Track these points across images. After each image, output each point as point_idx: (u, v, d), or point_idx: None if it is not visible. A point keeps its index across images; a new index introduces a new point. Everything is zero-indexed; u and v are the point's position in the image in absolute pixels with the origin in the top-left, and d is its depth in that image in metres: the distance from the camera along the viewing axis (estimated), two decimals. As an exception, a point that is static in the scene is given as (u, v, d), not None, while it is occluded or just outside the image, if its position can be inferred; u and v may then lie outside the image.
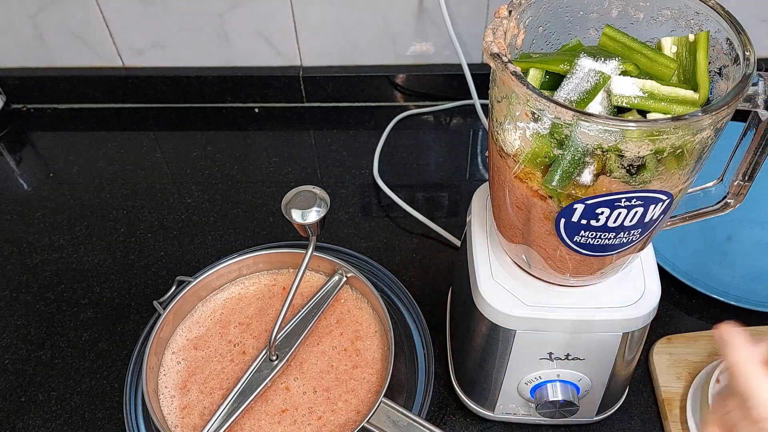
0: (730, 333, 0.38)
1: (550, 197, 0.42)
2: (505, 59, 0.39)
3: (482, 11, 0.92)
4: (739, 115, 0.41)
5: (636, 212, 0.41)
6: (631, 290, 0.53)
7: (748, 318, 0.69)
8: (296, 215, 0.53)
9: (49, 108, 1.04)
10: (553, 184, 0.40)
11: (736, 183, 0.48)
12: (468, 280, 0.56)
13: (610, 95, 0.40)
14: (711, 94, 0.42)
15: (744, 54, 0.39)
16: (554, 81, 0.42)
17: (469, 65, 0.93)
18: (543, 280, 0.53)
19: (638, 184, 0.39)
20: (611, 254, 0.46)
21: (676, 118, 0.36)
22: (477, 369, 0.60)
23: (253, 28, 0.95)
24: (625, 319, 0.51)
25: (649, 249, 0.55)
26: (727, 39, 0.41)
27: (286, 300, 0.57)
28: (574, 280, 0.51)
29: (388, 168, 0.91)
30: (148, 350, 0.59)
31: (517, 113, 0.39)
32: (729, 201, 0.50)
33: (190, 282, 0.64)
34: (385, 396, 0.56)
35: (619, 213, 0.41)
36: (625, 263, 0.50)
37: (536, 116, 0.38)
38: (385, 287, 0.70)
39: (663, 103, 0.39)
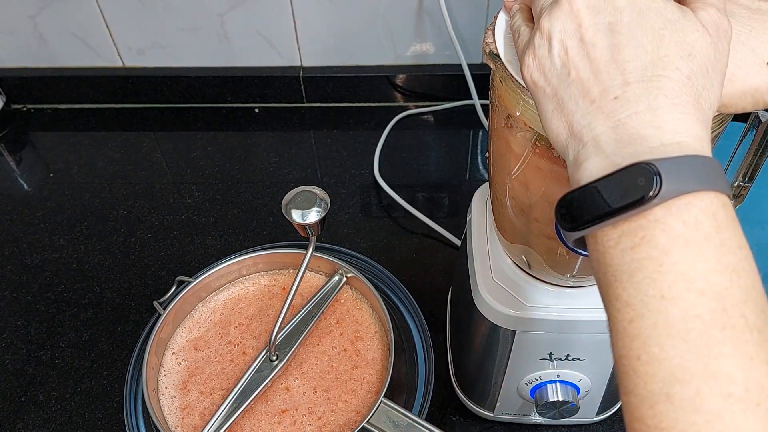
0: None
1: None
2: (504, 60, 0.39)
3: (482, 11, 0.92)
4: (740, 116, 0.41)
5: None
6: (631, 291, 0.52)
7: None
8: (296, 215, 0.53)
9: (49, 108, 1.04)
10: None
11: (736, 184, 0.48)
12: (468, 280, 0.56)
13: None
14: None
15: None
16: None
17: (469, 65, 0.93)
18: (543, 281, 0.53)
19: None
20: (611, 255, 0.46)
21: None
22: (477, 369, 0.60)
23: (253, 28, 0.95)
24: (625, 319, 0.51)
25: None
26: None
27: (286, 300, 0.57)
28: (574, 280, 0.51)
29: (388, 168, 0.91)
30: (148, 350, 0.59)
31: (518, 114, 0.39)
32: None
33: (190, 282, 0.64)
34: (385, 396, 0.56)
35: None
36: (625, 264, 0.50)
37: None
38: (385, 287, 0.70)
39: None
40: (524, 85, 0.34)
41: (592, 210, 0.29)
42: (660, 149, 0.28)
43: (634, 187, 0.27)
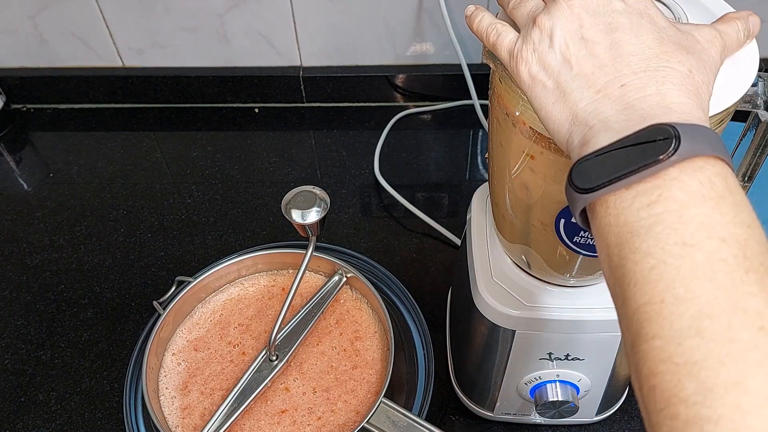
0: None
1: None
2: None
3: (482, 11, 0.91)
4: (739, 116, 0.41)
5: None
6: (630, 290, 0.52)
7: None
8: (296, 215, 0.53)
9: (49, 108, 1.04)
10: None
11: (735, 183, 0.48)
12: (468, 280, 0.56)
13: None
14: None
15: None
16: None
17: (469, 65, 0.93)
18: (543, 280, 0.53)
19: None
20: (611, 255, 0.46)
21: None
22: (476, 369, 0.60)
23: (253, 28, 0.95)
24: (624, 319, 0.51)
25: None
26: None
27: (285, 300, 0.57)
28: (574, 280, 0.51)
29: (388, 168, 0.91)
30: (148, 351, 0.59)
31: (517, 114, 0.39)
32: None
33: (189, 282, 0.64)
34: (384, 396, 0.56)
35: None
36: (624, 264, 0.50)
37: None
38: (385, 287, 0.70)
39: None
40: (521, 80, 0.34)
41: (607, 172, 0.29)
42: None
43: (652, 147, 0.28)
